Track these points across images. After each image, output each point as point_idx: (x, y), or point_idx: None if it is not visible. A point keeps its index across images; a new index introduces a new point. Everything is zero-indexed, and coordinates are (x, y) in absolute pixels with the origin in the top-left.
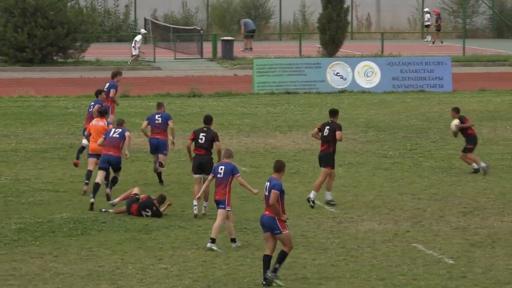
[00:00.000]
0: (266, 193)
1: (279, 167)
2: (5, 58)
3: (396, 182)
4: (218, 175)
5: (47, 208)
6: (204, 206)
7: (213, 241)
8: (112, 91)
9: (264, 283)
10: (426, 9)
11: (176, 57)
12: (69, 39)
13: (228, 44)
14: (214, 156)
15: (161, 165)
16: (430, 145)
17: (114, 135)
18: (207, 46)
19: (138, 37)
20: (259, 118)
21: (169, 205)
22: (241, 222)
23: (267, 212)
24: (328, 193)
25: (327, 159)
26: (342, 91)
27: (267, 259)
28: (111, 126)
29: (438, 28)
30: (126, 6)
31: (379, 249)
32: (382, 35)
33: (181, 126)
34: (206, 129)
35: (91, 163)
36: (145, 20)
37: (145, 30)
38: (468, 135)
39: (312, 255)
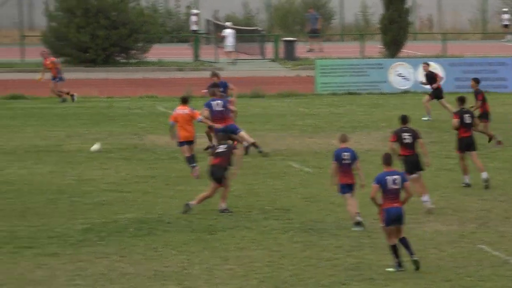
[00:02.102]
0: (395, 186)
1: (389, 159)
2: (68, 59)
3: (460, 183)
4: (344, 161)
5: (111, 208)
6: (425, 201)
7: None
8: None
9: (416, 267)
10: (505, 9)
11: (238, 58)
12: (131, 39)
13: (290, 45)
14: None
15: (238, 141)
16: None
17: (218, 108)
18: (269, 47)
19: (230, 32)
20: (322, 118)
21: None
22: (305, 223)
23: (396, 204)
24: (485, 173)
25: (475, 143)
26: (405, 92)
27: (396, 247)
28: (195, 111)
29: None
30: (187, 7)
31: (445, 250)
32: (444, 36)
33: (244, 126)
34: (407, 128)
35: (184, 151)
36: (207, 21)
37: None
38: None
39: (379, 256)
